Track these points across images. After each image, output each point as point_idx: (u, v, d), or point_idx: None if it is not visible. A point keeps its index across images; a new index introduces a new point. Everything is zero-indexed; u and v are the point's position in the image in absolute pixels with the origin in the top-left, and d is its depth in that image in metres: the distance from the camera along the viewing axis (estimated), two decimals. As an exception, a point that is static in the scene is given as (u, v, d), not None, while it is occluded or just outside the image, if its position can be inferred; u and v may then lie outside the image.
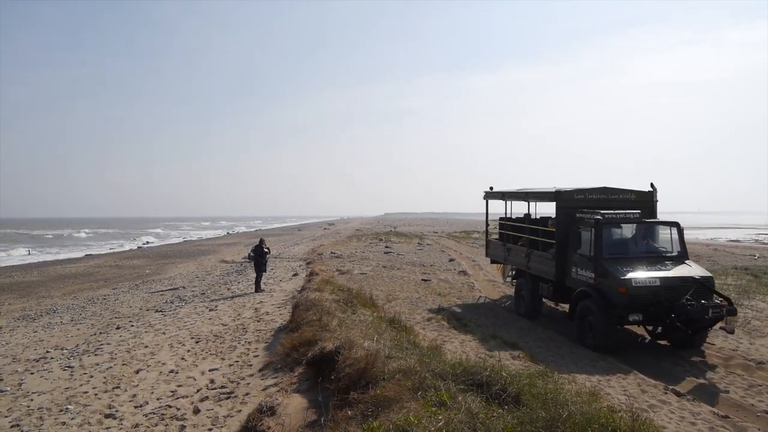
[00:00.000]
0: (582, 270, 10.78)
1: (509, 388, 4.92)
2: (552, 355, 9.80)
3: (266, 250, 17.92)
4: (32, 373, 9.65)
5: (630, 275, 9.64)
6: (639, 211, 11.29)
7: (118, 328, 13.10)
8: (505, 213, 15.17)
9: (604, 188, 11.95)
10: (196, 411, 7.26)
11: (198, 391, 8.05)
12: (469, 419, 4.14)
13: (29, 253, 46.48)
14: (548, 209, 13.16)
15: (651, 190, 11.99)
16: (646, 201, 11.87)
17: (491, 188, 15.82)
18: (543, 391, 4.92)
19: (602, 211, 10.92)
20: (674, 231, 10.81)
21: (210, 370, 8.96)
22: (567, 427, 4.15)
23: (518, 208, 14.90)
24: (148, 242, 61.81)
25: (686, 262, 10.39)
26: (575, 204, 11.73)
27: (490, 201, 16.04)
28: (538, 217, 14.13)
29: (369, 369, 5.60)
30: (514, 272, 14.71)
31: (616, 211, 11.11)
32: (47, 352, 11.25)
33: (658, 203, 11.97)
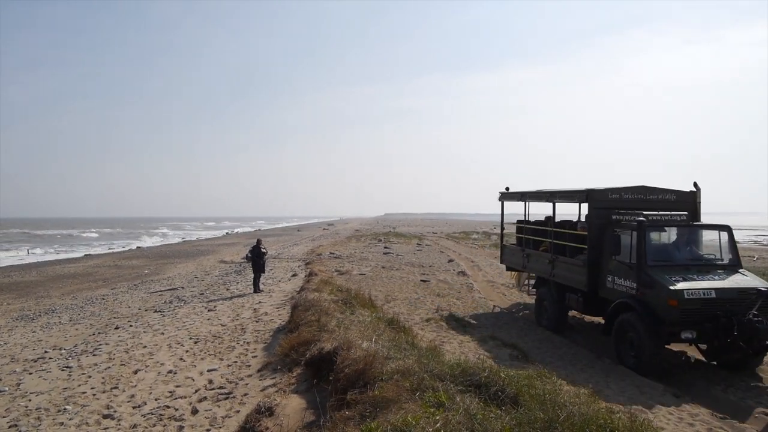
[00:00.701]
0: (620, 279, 9.64)
1: (507, 389, 4.90)
2: (551, 356, 9.80)
3: (264, 250, 17.92)
4: (30, 374, 9.64)
5: (681, 285, 8.47)
6: (686, 213, 10.18)
7: (116, 328, 13.08)
8: (525, 216, 14.11)
9: (642, 187, 10.77)
10: (195, 411, 7.25)
11: (196, 391, 8.04)
12: (467, 420, 4.14)
13: (27, 253, 46.53)
14: (571, 210, 12.34)
15: (693, 190, 10.80)
16: (687, 202, 10.70)
17: (507, 189, 14.74)
18: (541, 392, 4.91)
19: (645, 212, 9.77)
20: (724, 236, 9.61)
21: (208, 371, 8.95)
22: (565, 428, 4.14)
23: (535, 210, 14.00)
24: (154, 243, 61.88)
25: (740, 271, 9.24)
26: (609, 204, 10.56)
27: (505, 203, 14.89)
28: (556, 220, 12.71)
29: (367, 369, 5.59)
30: (533, 280, 13.67)
31: (661, 213, 9.95)
32: (45, 352, 11.24)
33: (701, 205, 10.79)
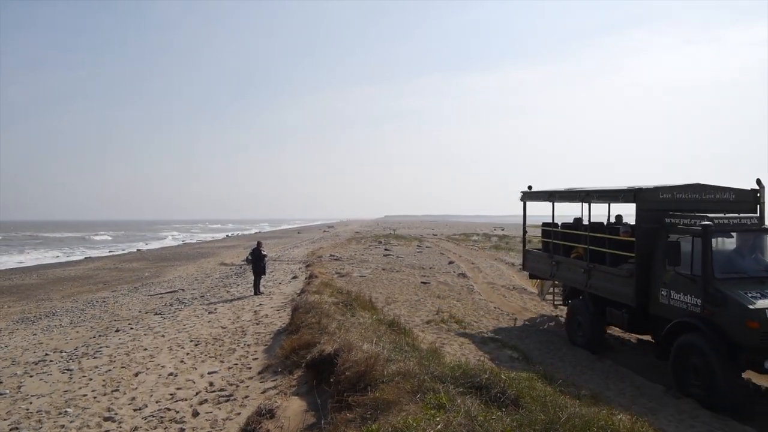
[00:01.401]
0: (678, 294, 8.34)
1: (508, 390, 4.91)
2: (551, 357, 9.81)
3: (264, 253, 17.94)
4: (31, 376, 9.63)
5: (761, 303, 7.18)
6: (756, 216, 9.08)
7: (117, 330, 13.08)
8: (553, 217, 13.02)
9: (697, 185, 9.55)
10: (195, 414, 7.25)
11: (197, 394, 8.04)
12: (468, 422, 4.14)
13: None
14: (600, 211, 11.61)
15: (756, 188, 9.70)
16: (748, 202, 9.56)
17: (530, 187, 13.66)
18: (542, 393, 4.92)
19: (711, 215, 8.39)
20: None
21: (209, 373, 8.96)
22: (566, 429, 4.14)
23: (560, 211, 13.11)
24: (163, 245, 61.93)
25: None
26: (660, 206, 9.29)
27: (528, 203, 13.84)
28: (584, 222, 11.82)
29: (368, 372, 5.59)
30: (562, 289, 12.70)
31: (728, 215, 8.61)
32: (46, 354, 11.23)
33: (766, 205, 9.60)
